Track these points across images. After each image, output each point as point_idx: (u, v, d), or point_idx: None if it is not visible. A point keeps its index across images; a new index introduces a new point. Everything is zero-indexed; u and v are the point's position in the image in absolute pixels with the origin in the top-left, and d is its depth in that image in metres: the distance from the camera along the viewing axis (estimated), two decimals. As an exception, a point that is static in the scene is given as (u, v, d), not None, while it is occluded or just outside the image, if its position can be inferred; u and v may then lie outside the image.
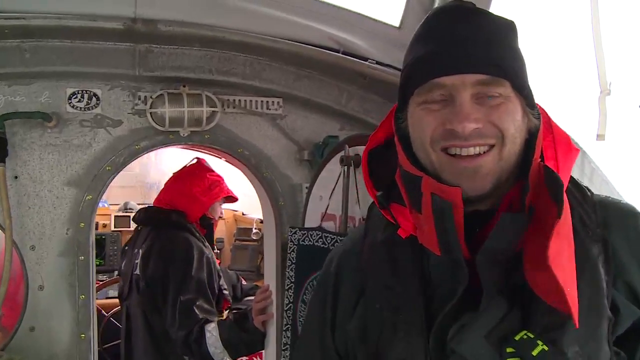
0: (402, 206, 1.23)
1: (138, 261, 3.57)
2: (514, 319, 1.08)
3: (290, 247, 2.82)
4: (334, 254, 1.45)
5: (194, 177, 3.76)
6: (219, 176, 3.88)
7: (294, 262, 2.82)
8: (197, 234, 3.68)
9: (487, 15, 1.18)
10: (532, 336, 1.05)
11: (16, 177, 2.70)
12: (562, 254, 1.04)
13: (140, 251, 3.60)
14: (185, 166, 3.87)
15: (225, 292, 3.72)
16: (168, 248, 3.52)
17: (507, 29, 1.18)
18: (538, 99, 1.23)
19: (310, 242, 2.73)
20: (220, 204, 4.00)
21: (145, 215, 3.80)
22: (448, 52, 1.13)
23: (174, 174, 3.87)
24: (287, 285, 2.85)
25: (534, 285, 1.05)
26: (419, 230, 1.20)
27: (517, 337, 1.06)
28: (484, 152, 1.12)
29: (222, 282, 3.69)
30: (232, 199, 4.01)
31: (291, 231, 2.84)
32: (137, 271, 3.56)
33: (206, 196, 3.75)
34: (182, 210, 3.68)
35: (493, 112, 1.12)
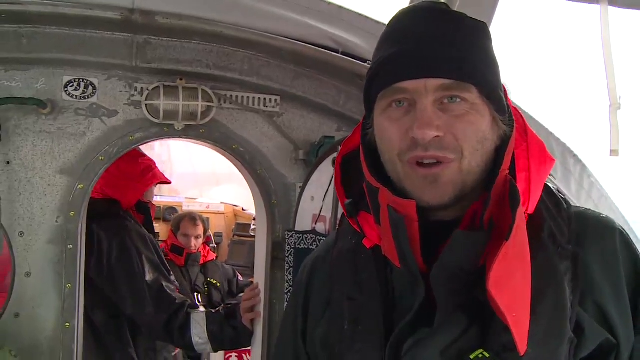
0: (370, 215, 1.20)
1: None
2: (472, 336, 1.04)
3: (288, 251, 2.81)
4: (307, 261, 1.42)
5: (126, 162, 3.50)
6: (150, 160, 3.71)
7: (291, 265, 2.80)
8: (133, 221, 3.52)
9: (456, 16, 1.13)
10: (487, 355, 1.01)
11: (8, 163, 2.70)
12: (511, 277, 1.00)
13: None
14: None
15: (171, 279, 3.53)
16: (105, 239, 3.33)
17: (477, 30, 1.13)
18: (542, 112, 1.17)
19: (305, 246, 2.72)
20: (154, 188, 3.84)
21: None
22: (410, 55, 1.08)
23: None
24: (286, 289, 2.84)
25: (491, 302, 1.00)
26: (382, 241, 1.17)
27: (472, 356, 1.02)
28: (444, 162, 1.08)
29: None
30: (165, 183, 3.86)
31: (288, 234, 2.82)
32: None
33: (140, 182, 3.58)
34: (115, 199, 3.50)
35: (456, 122, 1.07)
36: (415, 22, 1.12)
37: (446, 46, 1.08)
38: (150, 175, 3.64)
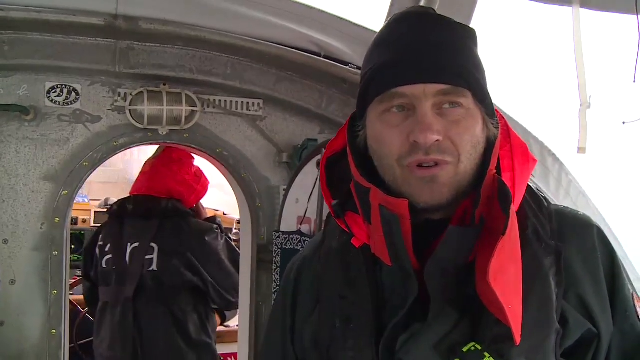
0: (357, 215, 1.22)
1: (154, 256, 3.44)
2: (464, 329, 1.07)
3: (275, 252, 2.83)
4: (295, 260, 1.43)
5: (183, 164, 3.67)
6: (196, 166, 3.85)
7: (278, 265, 2.83)
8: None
9: (448, 23, 1.16)
10: (479, 348, 1.05)
11: (-9, 170, 2.68)
12: (506, 270, 1.03)
13: (156, 246, 3.47)
14: (164, 151, 3.70)
15: None
16: (197, 235, 3.57)
17: (468, 36, 1.16)
18: (519, 112, 1.20)
19: (291, 246, 2.74)
20: None
21: (144, 206, 3.57)
22: (409, 61, 1.10)
23: (157, 159, 3.69)
24: (274, 288, 2.86)
25: (482, 296, 1.04)
26: (371, 240, 1.18)
27: (465, 349, 1.05)
28: (441, 164, 1.10)
29: None
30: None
31: (275, 235, 2.84)
32: (154, 267, 3.43)
33: (198, 184, 3.74)
34: (178, 199, 3.63)
35: (453, 127, 1.09)
36: (410, 28, 1.14)
37: (443, 52, 1.10)
38: (204, 179, 3.85)
